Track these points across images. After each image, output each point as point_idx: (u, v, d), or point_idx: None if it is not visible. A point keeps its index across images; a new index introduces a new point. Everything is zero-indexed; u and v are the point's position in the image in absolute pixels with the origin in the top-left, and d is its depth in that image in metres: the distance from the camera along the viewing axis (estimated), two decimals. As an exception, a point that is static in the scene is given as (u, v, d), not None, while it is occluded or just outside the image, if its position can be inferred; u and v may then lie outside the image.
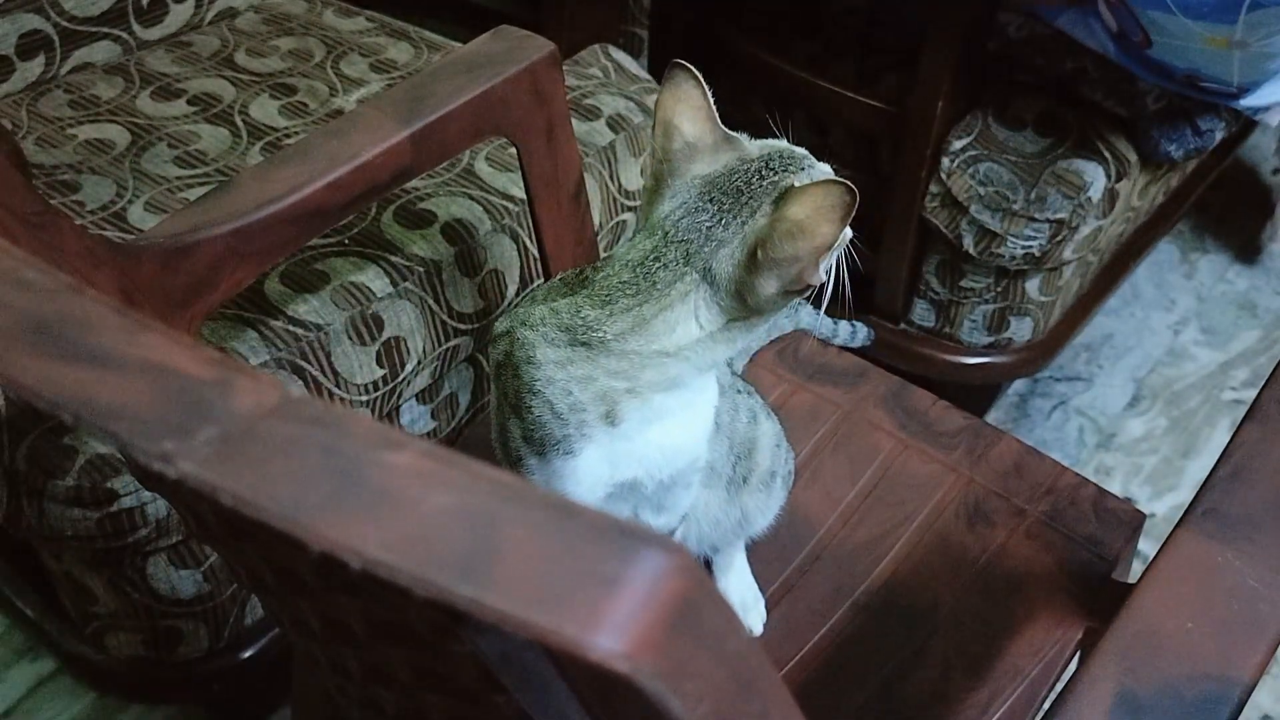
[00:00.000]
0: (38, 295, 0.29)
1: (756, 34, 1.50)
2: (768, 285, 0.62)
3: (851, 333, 1.05)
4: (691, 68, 0.66)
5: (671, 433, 0.69)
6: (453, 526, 0.22)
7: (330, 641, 0.49)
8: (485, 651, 0.35)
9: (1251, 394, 1.65)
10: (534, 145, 0.86)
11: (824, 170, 0.67)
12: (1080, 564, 0.85)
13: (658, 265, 0.64)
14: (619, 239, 1.19)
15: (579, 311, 0.66)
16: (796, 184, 0.62)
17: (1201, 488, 0.59)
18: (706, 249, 0.63)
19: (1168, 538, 0.57)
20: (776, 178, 0.64)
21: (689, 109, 0.66)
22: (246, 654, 1.07)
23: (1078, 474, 0.92)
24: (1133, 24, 1.11)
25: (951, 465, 0.93)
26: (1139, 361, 1.70)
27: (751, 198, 0.63)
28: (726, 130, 0.68)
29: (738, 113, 0.88)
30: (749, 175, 0.64)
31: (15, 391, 0.26)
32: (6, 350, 0.27)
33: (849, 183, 0.58)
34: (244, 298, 0.94)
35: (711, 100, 0.67)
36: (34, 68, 1.18)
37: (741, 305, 0.64)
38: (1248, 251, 1.89)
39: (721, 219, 0.63)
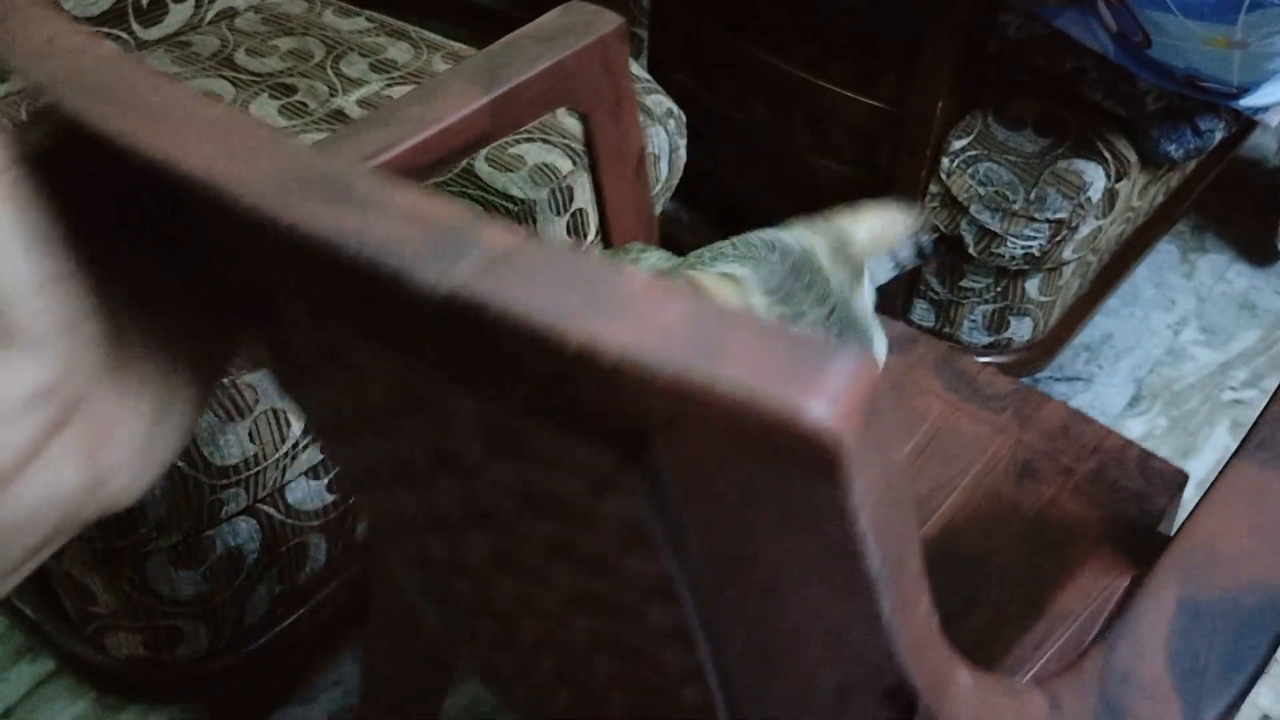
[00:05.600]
0: (295, 154, 0.33)
1: (756, 34, 1.50)
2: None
3: (904, 254, 1.07)
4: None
5: None
6: (686, 328, 0.26)
7: (466, 528, 0.50)
8: (641, 494, 0.36)
9: (1251, 394, 1.66)
10: (601, 116, 0.89)
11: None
12: (1126, 518, 0.88)
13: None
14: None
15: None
16: None
17: (1255, 424, 0.62)
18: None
19: (1223, 468, 0.61)
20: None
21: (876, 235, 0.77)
22: (246, 654, 1.07)
23: (1123, 437, 0.95)
24: (1132, 24, 1.11)
25: (1000, 426, 0.96)
26: (1139, 361, 1.70)
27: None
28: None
29: (738, 113, 0.88)
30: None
31: (296, 235, 0.30)
32: (284, 198, 0.30)
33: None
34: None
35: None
36: (34, 68, 1.19)
37: None
38: (1252, 253, 1.89)
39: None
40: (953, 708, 0.42)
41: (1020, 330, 1.44)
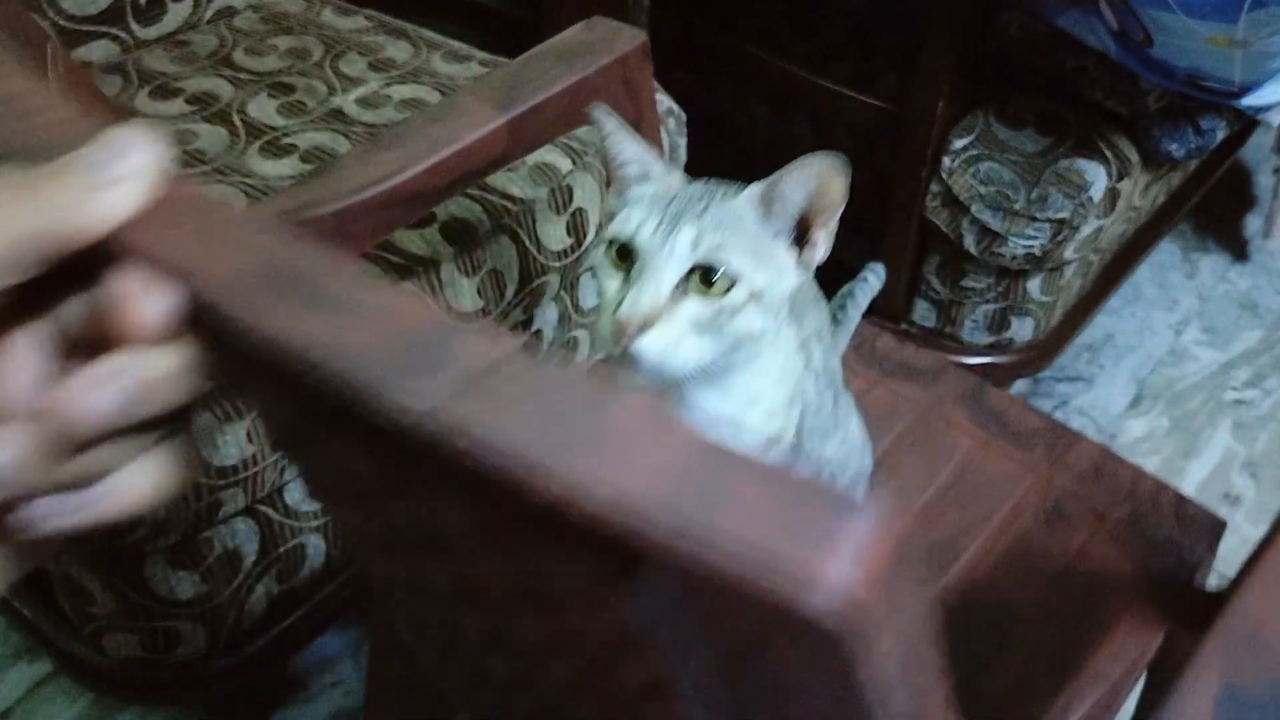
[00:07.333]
0: (269, 240, 0.30)
1: (756, 34, 1.49)
2: None
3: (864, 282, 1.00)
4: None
5: (724, 408, 0.67)
6: (683, 471, 0.24)
7: (456, 606, 0.48)
8: (638, 609, 0.33)
9: (1253, 394, 1.65)
10: None
11: None
12: (1161, 568, 0.85)
13: None
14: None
15: None
16: None
17: None
18: None
19: (1264, 540, 0.58)
20: None
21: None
22: (245, 655, 1.06)
23: (1157, 479, 0.91)
24: (1134, 23, 1.10)
25: (1030, 465, 0.93)
26: (1140, 361, 1.69)
27: None
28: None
29: (738, 113, 0.87)
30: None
31: (264, 340, 0.27)
32: (253, 298, 0.28)
33: None
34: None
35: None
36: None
37: None
38: (1248, 251, 1.89)
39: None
40: None
41: (1022, 330, 1.44)
